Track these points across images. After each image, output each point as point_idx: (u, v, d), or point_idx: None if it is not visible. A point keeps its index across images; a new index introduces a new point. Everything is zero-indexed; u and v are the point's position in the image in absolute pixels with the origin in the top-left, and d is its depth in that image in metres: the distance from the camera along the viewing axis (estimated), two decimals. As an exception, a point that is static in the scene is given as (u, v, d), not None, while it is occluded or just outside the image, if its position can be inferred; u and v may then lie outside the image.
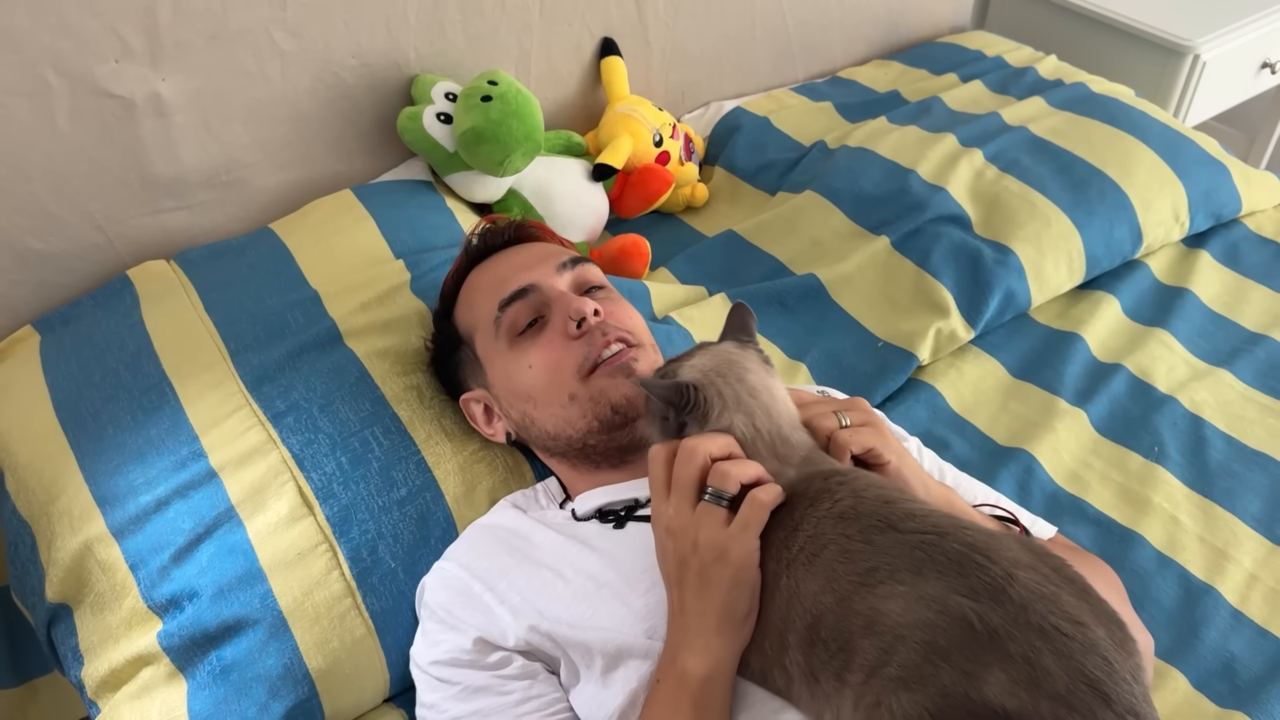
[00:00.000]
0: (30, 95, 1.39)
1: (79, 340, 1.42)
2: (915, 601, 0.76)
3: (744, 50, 2.16)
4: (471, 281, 1.29)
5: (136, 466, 1.24)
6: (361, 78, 1.67)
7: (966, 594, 0.75)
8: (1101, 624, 0.75)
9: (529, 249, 1.30)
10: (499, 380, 1.21)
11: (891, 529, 0.81)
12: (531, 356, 1.16)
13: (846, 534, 0.82)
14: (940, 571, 0.77)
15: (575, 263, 1.24)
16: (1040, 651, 0.72)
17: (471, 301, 1.26)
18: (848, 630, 0.78)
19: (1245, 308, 1.72)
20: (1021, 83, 2.09)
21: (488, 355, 1.22)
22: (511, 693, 1.00)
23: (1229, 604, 1.28)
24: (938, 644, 0.73)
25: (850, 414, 0.97)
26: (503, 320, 1.19)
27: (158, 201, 1.57)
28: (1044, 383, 1.57)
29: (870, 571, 0.79)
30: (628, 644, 0.96)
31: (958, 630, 0.73)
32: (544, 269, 1.22)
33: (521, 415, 1.20)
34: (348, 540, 1.19)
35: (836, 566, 0.81)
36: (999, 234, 1.68)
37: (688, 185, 1.94)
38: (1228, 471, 1.44)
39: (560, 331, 1.16)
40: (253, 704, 1.11)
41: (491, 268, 1.28)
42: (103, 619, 1.18)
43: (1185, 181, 1.79)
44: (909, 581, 0.77)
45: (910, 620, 0.75)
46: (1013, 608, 0.74)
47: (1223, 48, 2.31)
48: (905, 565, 0.78)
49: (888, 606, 0.77)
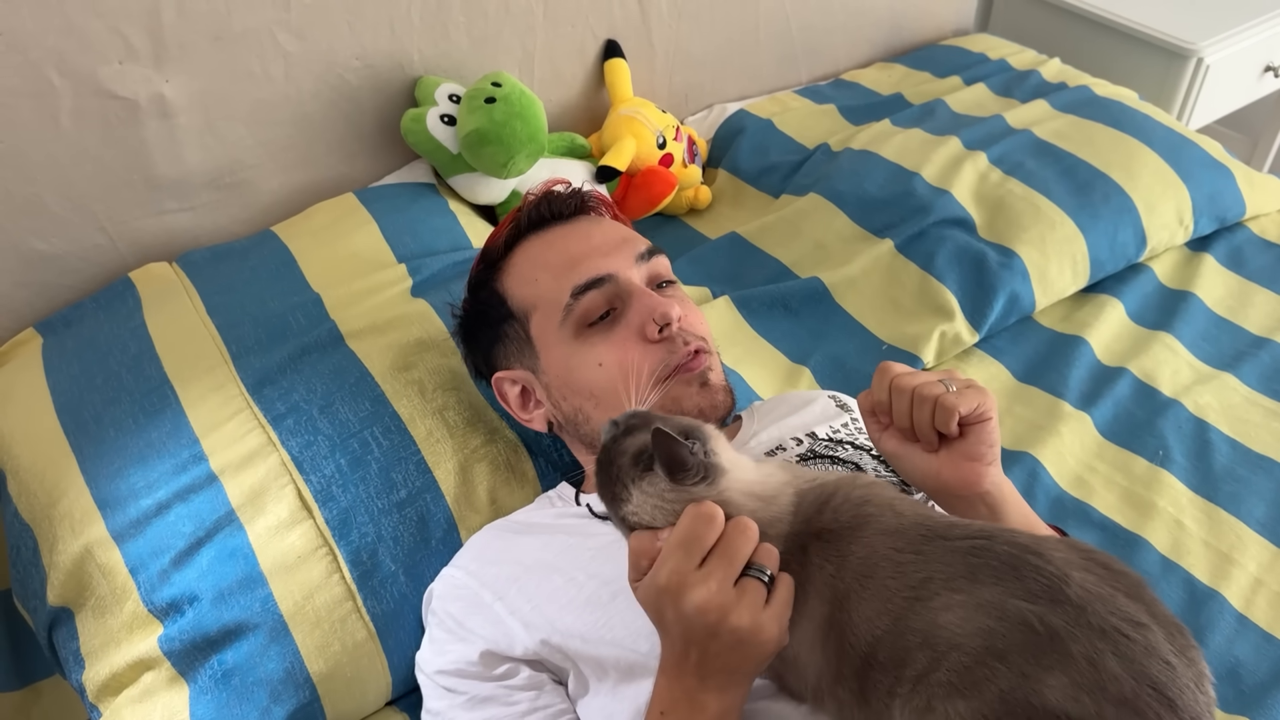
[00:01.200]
0: (34, 96, 1.39)
1: (81, 343, 1.42)
2: (974, 610, 0.73)
3: (747, 53, 2.16)
4: (530, 252, 1.18)
5: (137, 470, 1.24)
6: (365, 79, 1.67)
7: (1024, 597, 0.72)
8: (1161, 626, 0.72)
9: (598, 227, 1.19)
10: (555, 369, 1.13)
11: (939, 538, 0.78)
12: (602, 353, 1.09)
13: (896, 548, 0.78)
14: (996, 576, 0.74)
15: (651, 254, 1.16)
16: (1103, 654, 0.69)
17: (530, 276, 1.15)
18: (904, 648, 0.74)
19: (1249, 311, 1.71)
20: (1025, 86, 2.09)
21: (545, 339, 1.13)
22: (518, 703, 0.99)
23: (1234, 609, 1.28)
24: (995, 647, 0.71)
25: (953, 381, 0.91)
26: (574, 308, 1.10)
27: (161, 203, 1.57)
28: (1048, 386, 1.57)
29: (924, 583, 0.76)
30: (641, 662, 0.94)
31: (1018, 634, 0.71)
32: (622, 257, 1.13)
33: (575, 410, 1.13)
34: (347, 543, 1.19)
35: (889, 584, 0.77)
36: (1003, 237, 1.67)
37: (691, 187, 1.94)
38: (1232, 475, 1.43)
39: (637, 331, 1.08)
40: (254, 708, 1.10)
41: (559, 242, 1.17)
42: (104, 623, 1.18)
43: (1189, 185, 1.79)
44: (965, 589, 0.74)
45: (969, 629, 0.72)
46: (1072, 609, 0.71)
47: (1226, 51, 2.31)
48: (960, 572, 0.75)
49: (945, 619, 0.73)
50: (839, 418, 1.19)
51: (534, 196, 1.21)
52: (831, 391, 1.29)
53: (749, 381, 1.50)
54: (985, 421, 0.89)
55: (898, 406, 0.91)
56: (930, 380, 0.90)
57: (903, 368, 0.93)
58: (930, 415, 0.88)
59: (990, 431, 0.90)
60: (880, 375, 0.93)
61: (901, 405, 0.91)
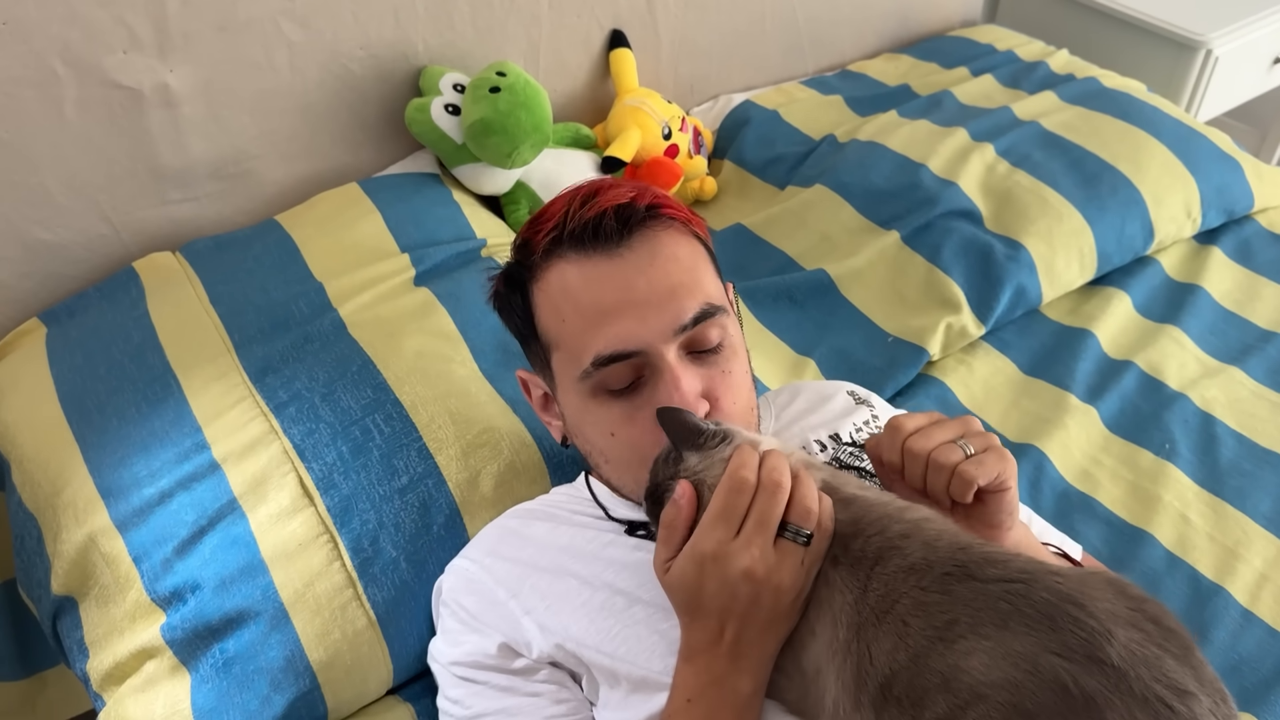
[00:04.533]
0: (38, 85, 1.39)
1: (84, 332, 1.43)
2: (1000, 659, 0.68)
3: (753, 43, 2.15)
4: (568, 278, 1.00)
5: (140, 459, 1.24)
6: (369, 69, 1.67)
7: (1060, 652, 0.67)
8: (1207, 693, 0.67)
9: (650, 269, 0.99)
10: (570, 414, 1.06)
11: (970, 578, 0.73)
12: (616, 426, 1.00)
13: (921, 586, 0.74)
14: (1029, 626, 0.69)
15: (698, 320, 0.99)
16: None
17: (560, 311, 1.01)
18: (922, 687, 0.70)
19: (1257, 305, 1.70)
20: (1033, 77, 2.08)
21: (564, 381, 1.04)
22: (540, 694, 0.97)
23: (1239, 604, 1.27)
24: (1024, 707, 0.66)
25: (971, 440, 0.85)
26: (594, 376, 0.98)
27: (165, 193, 1.57)
28: (1055, 379, 1.57)
29: (949, 625, 0.71)
30: (654, 679, 0.91)
31: (1049, 695, 0.66)
32: (659, 325, 0.97)
33: (587, 454, 1.07)
34: (348, 530, 1.18)
35: (910, 620, 0.73)
36: (1010, 229, 1.67)
37: (696, 178, 1.94)
38: (1239, 470, 1.43)
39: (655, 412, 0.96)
40: (255, 697, 1.10)
41: (597, 281, 0.99)
42: (107, 612, 1.18)
43: (1197, 177, 1.78)
44: (993, 636, 0.69)
45: (994, 679, 0.67)
46: (1112, 672, 0.66)
47: (1235, 42, 2.30)
48: (989, 618, 0.70)
49: (969, 664, 0.69)
50: (859, 414, 1.16)
51: (585, 204, 1.00)
52: (850, 385, 1.25)
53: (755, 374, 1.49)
54: (1004, 491, 0.86)
55: (911, 470, 0.87)
56: (946, 441, 0.85)
57: (915, 422, 0.88)
58: (946, 483, 0.84)
59: (1010, 500, 0.87)
60: (891, 435, 0.88)
61: (915, 470, 0.86)
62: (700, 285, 1.01)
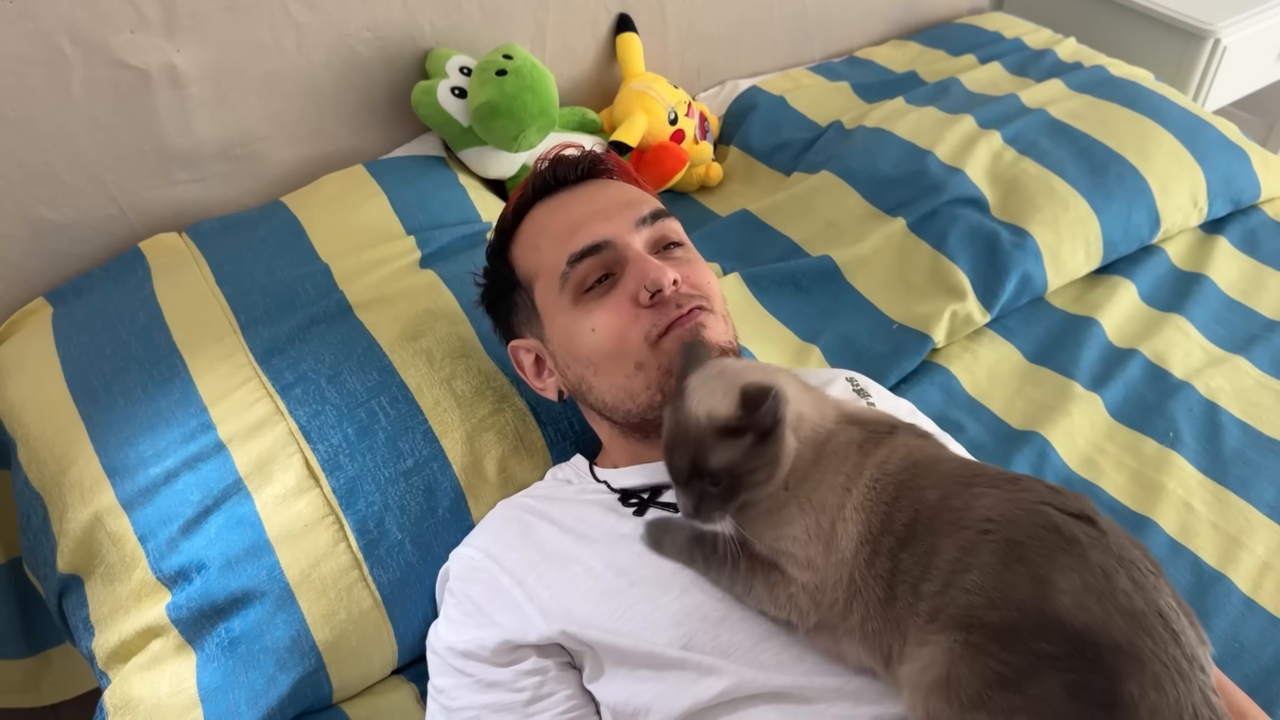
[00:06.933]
0: (45, 64, 1.39)
1: (90, 312, 1.43)
2: (1005, 501, 0.79)
3: (761, 29, 2.15)
4: (537, 220, 1.17)
5: (146, 438, 1.24)
6: (376, 51, 1.66)
7: (1055, 504, 0.78)
8: (1174, 596, 0.75)
9: (605, 191, 1.17)
10: (557, 338, 1.12)
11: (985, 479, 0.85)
12: (596, 319, 1.07)
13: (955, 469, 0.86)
14: (1036, 492, 0.80)
15: (655, 217, 1.13)
16: (1117, 571, 0.73)
17: (535, 244, 1.15)
18: (938, 527, 0.79)
19: (1263, 294, 1.70)
20: (1040, 65, 2.08)
21: (547, 308, 1.13)
22: (523, 690, 0.98)
23: (1241, 592, 1.27)
24: (1017, 540, 0.75)
25: None
26: (570, 276, 1.09)
27: (172, 173, 1.57)
28: (1059, 367, 1.57)
29: (976, 475, 0.83)
30: (659, 653, 0.92)
31: (1041, 530, 0.76)
32: (621, 221, 1.11)
33: (578, 379, 1.12)
34: (354, 512, 1.19)
35: (945, 469, 0.85)
36: (1016, 217, 1.67)
37: (702, 164, 1.93)
38: (1243, 459, 1.43)
39: (630, 296, 1.06)
40: (260, 676, 1.11)
41: (561, 208, 1.15)
42: (113, 590, 1.18)
43: (1204, 166, 1.78)
44: (1008, 489, 0.80)
45: (998, 514, 0.77)
46: (1097, 532, 0.76)
47: (1243, 32, 2.28)
48: (1007, 479, 0.82)
49: (979, 502, 0.79)
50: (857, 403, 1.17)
51: (543, 162, 1.20)
52: (850, 373, 1.27)
53: (758, 359, 1.49)
54: None
55: None
56: None
57: None
58: None
59: None
60: None
61: None
62: (653, 201, 1.17)
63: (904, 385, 1.53)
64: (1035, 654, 0.71)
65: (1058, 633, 0.71)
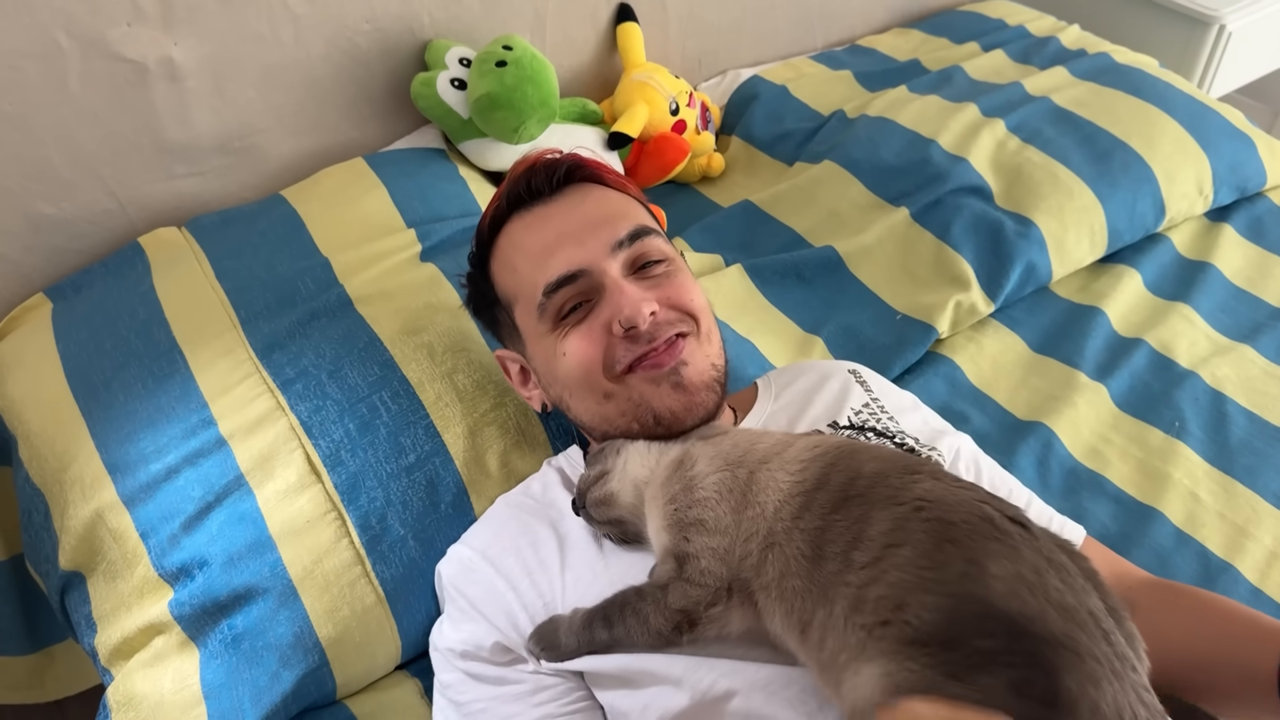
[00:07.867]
0: (42, 58, 1.38)
1: (90, 307, 1.42)
2: (943, 489, 0.80)
3: (762, 17, 2.13)
4: (513, 236, 1.13)
5: (147, 434, 1.24)
6: (375, 42, 1.65)
7: (993, 504, 0.79)
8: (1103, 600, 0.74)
9: (581, 206, 1.12)
10: (537, 359, 1.12)
11: None
12: (569, 344, 1.05)
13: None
14: (977, 493, 0.81)
15: (634, 238, 1.08)
16: (1048, 570, 0.73)
17: (512, 264, 1.12)
18: (873, 497, 0.80)
19: (1269, 283, 1.69)
20: (1044, 52, 2.06)
21: (528, 330, 1.11)
22: (524, 681, 0.98)
23: (1248, 582, 1.27)
24: (950, 521, 0.76)
25: None
26: (547, 306, 1.06)
27: (170, 167, 1.56)
28: (1064, 357, 1.56)
29: (919, 465, 0.84)
30: (655, 669, 0.92)
31: (975, 518, 0.76)
32: (596, 245, 1.06)
33: (557, 399, 1.12)
34: (356, 508, 1.18)
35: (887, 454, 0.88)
36: (1020, 206, 1.66)
37: (704, 154, 1.93)
38: (1249, 448, 1.42)
39: (604, 325, 1.04)
40: (264, 673, 1.11)
41: (537, 227, 1.11)
42: (115, 587, 1.18)
43: (1210, 154, 1.77)
44: (948, 483, 0.82)
45: (934, 496, 0.78)
46: (1028, 534, 0.76)
47: (1249, 18, 2.27)
48: (950, 477, 0.83)
49: (918, 485, 0.80)
50: (858, 395, 1.16)
51: (516, 172, 1.15)
52: (851, 364, 1.26)
53: (761, 351, 1.49)
54: None
55: None
56: None
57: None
58: None
59: None
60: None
61: None
62: (633, 215, 1.12)
63: (908, 376, 1.52)
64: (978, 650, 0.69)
65: (995, 622, 0.69)
